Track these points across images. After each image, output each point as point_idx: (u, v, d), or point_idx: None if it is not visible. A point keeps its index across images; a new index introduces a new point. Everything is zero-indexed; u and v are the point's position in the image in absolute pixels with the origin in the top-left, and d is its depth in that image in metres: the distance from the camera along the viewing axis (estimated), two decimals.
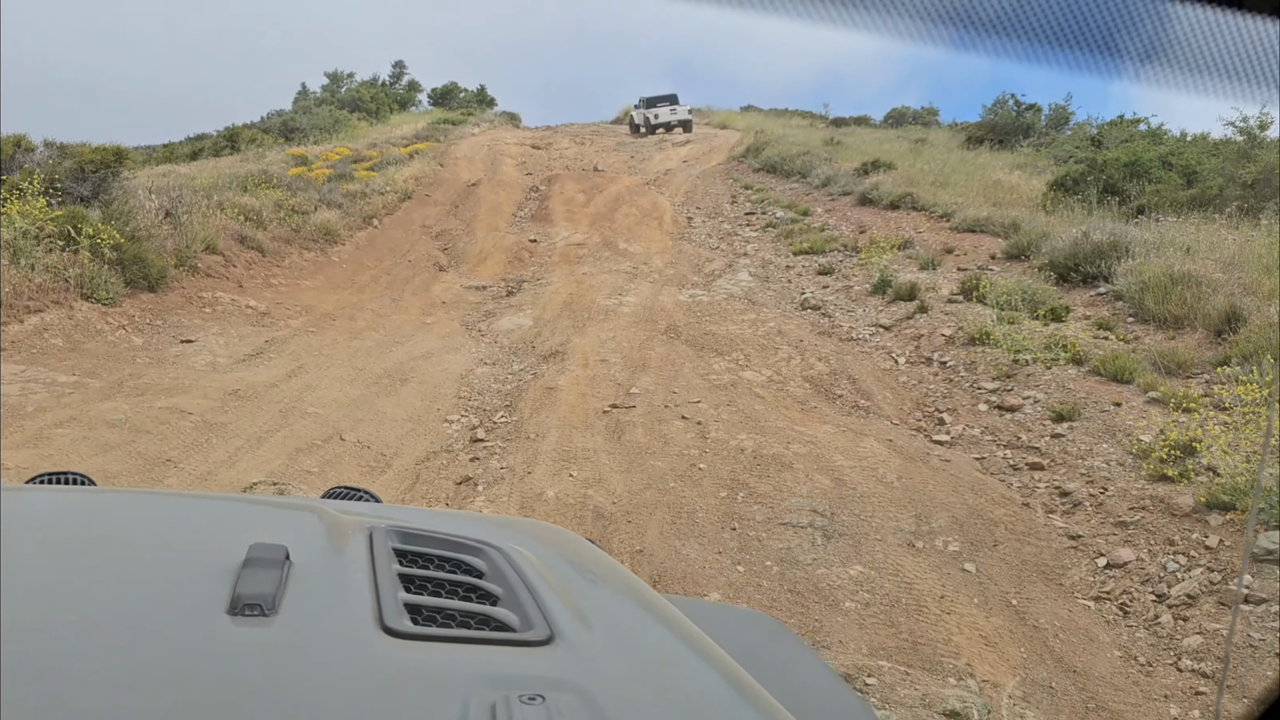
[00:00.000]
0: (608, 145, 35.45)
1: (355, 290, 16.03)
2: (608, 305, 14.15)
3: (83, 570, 1.15)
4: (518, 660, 1.02)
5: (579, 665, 1.03)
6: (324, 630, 1.02)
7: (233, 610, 1.00)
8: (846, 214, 21.48)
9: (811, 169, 25.21)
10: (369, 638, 1.00)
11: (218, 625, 0.99)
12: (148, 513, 1.52)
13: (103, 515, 1.47)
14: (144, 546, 1.30)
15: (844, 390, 10.58)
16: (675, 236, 21.04)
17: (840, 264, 17.00)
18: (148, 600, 1.07)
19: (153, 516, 1.49)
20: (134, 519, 1.46)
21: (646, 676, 1.13)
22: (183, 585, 1.11)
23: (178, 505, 1.67)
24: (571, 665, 1.03)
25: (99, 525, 1.39)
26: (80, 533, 1.34)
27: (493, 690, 0.90)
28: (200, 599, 1.04)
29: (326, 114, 39.28)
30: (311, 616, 1.04)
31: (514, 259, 19.05)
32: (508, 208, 24.29)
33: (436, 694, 0.92)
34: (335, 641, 1.00)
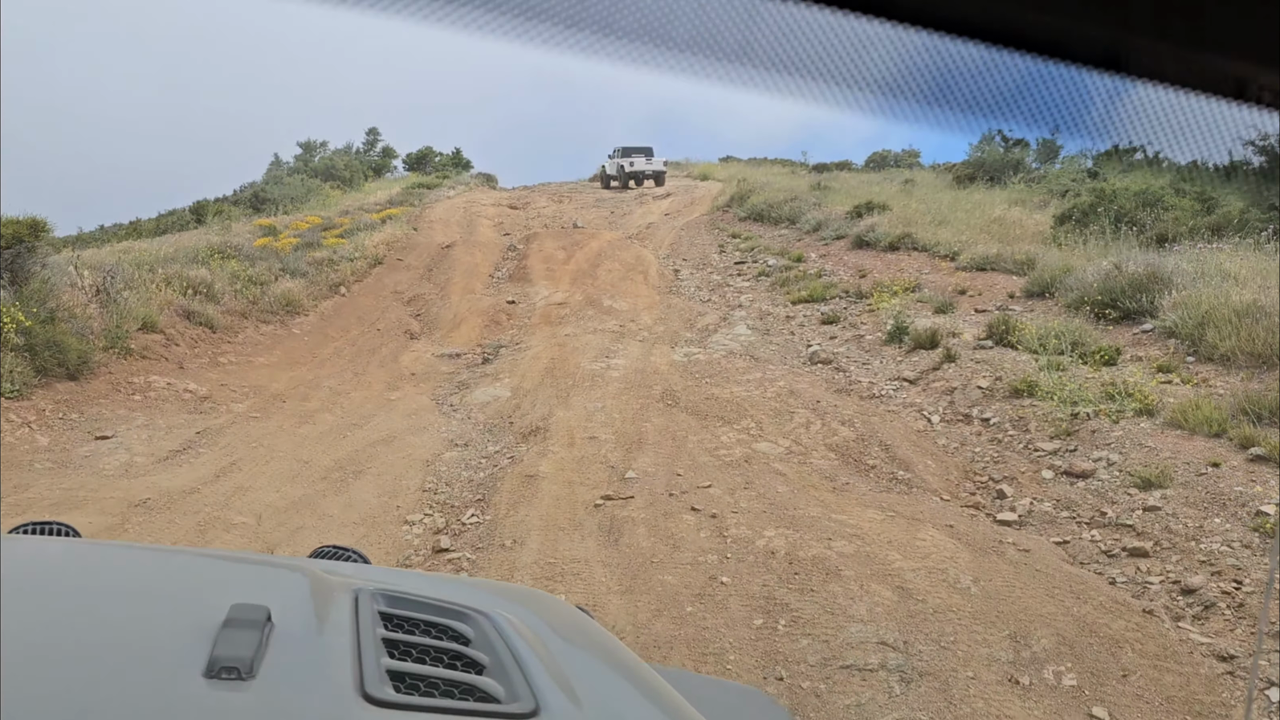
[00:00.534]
0: (586, 202, 33.94)
1: (314, 365, 14.24)
2: (594, 370, 12.39)
3: (58, 623, 1.09)
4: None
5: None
6: (302, 696, 0.97)
7: (209, 673, 0.95)
8: (843, 258, 19.88)
9: (800, 214, 23.67)
10: (349, 705, 0.95)
11: (193, 688, 0.93)
12: (130, 567, 1.45)
13: (83, 568, 1.41)
14: (123, 602, 1.22)
15: (877, 459, 8.81)
16: (663, 290, 19.36)
17: (845, 311, 15.31)
18: (123, 658, 1.01)
19: (135, 571, 1.42)
20: (115, 573, 1.39)
21: None
22: (160, 644, 1.05)
23: (161, 560, 1.59)
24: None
25: (78, 578, 1.33)
26: (58, 585, 1.27)
27: None
28: (177, 659, 0.99)
29: (298, 183, 37.76)
30: (290, 681, 0.98)
31: (491, 322, 17.32)
32: (484, 269, 22.62)
33: None
34: (314, 708, 0.95)
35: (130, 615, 1.17)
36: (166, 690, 0.93)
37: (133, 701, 0.91)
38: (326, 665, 1.05)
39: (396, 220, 29.65)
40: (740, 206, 26.50)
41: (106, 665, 0.98)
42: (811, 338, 14.13)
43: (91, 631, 1.08)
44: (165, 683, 0.95)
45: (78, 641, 1.04)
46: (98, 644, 1.04)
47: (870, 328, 14.01)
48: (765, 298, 17.58)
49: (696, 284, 19.67)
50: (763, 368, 12.10)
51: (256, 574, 1.54)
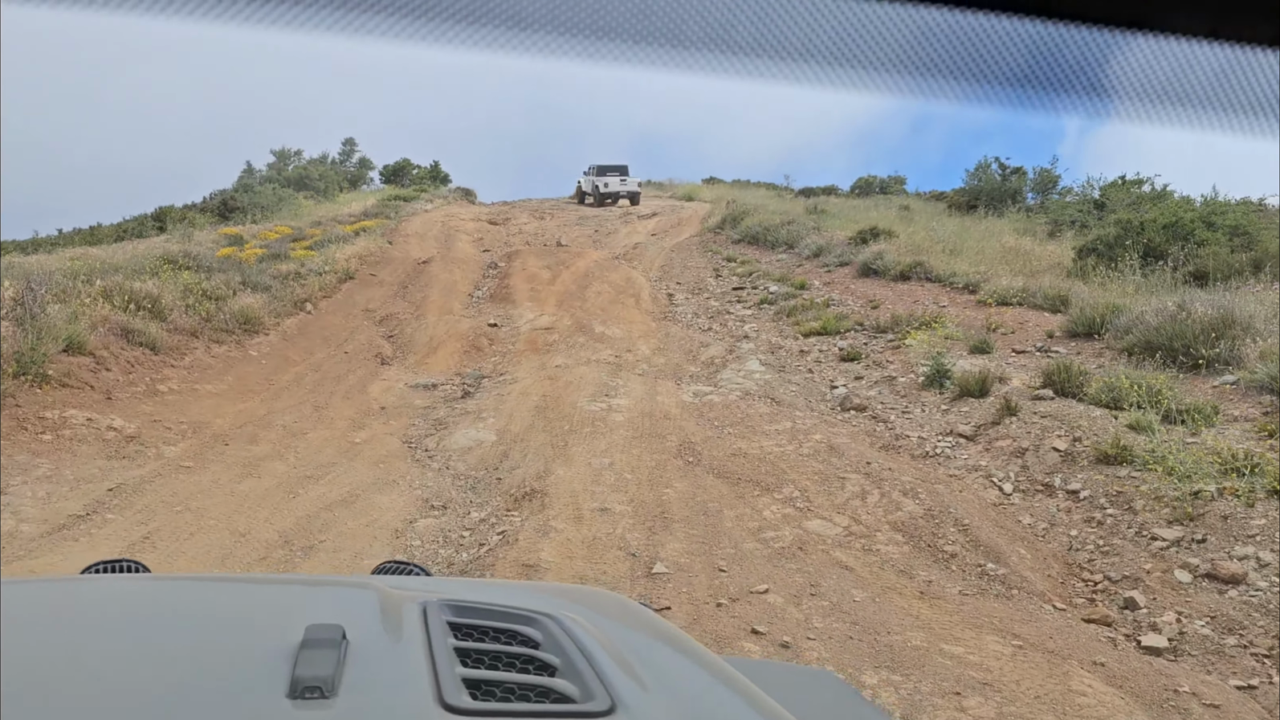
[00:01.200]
0: (568, 220, 32.02)
1: (269, 395, 12.19)
2: (594, 411, 10.46)
3: (142, 656, 1.09)
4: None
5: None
6: (385, 710, 0.96)
7: (293, 693, 0.95)
8: (850, 287, 18.10)
9: (799, 239, 21.90)
10: (429, 716, 0.94)
11: (279, 709, 0.93)
12: (204, 597, 1.47)
13: (159, 601, 1.41)
14: (202, 631, 1.22)
15: (955, 544, 6.94)
16: (658, 317, 17.48)
17: (866, 347, 13.48)
18: (208, 685, 1.00)
19: (209, 601, 1.44)
20: (190, 604, 1.40)
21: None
22: (242, 669, 1.04)
23: (232, 589, 1.59)
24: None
25: (156, 611, 1.33)
26: (138, 619, 1.27)
27: None
28: (260, 682, 0.98)
29: (269, 192, 35.59)
30: (371, 696, 0.98)
31: (471, 348, 15.33)
32: (463, 287, 20.64)
33: None
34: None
35: (210, 643, 1.15)
36: (254, 713, 0.91)
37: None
38: (404, 678, 1.02)
39: (370, 233, 27.60)
40: (733, 229, 24.69)
41: (193, 693, 0.97)
42: (834, 377, 12.27)
43: (174, 661, 1.06)
44: (252, 706, 0.93)
45: (162, 671, 1.02)
46: (182, 673, 1.02)
47: (899, 367, 12.18)
48: (772, 328, 15.73)
49: (694, 310, 17.79)
50: (789, 414, 10.22)
51: (326, 594, 1.52)
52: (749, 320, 16.48)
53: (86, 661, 1.05)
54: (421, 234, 28.59)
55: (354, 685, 0.99)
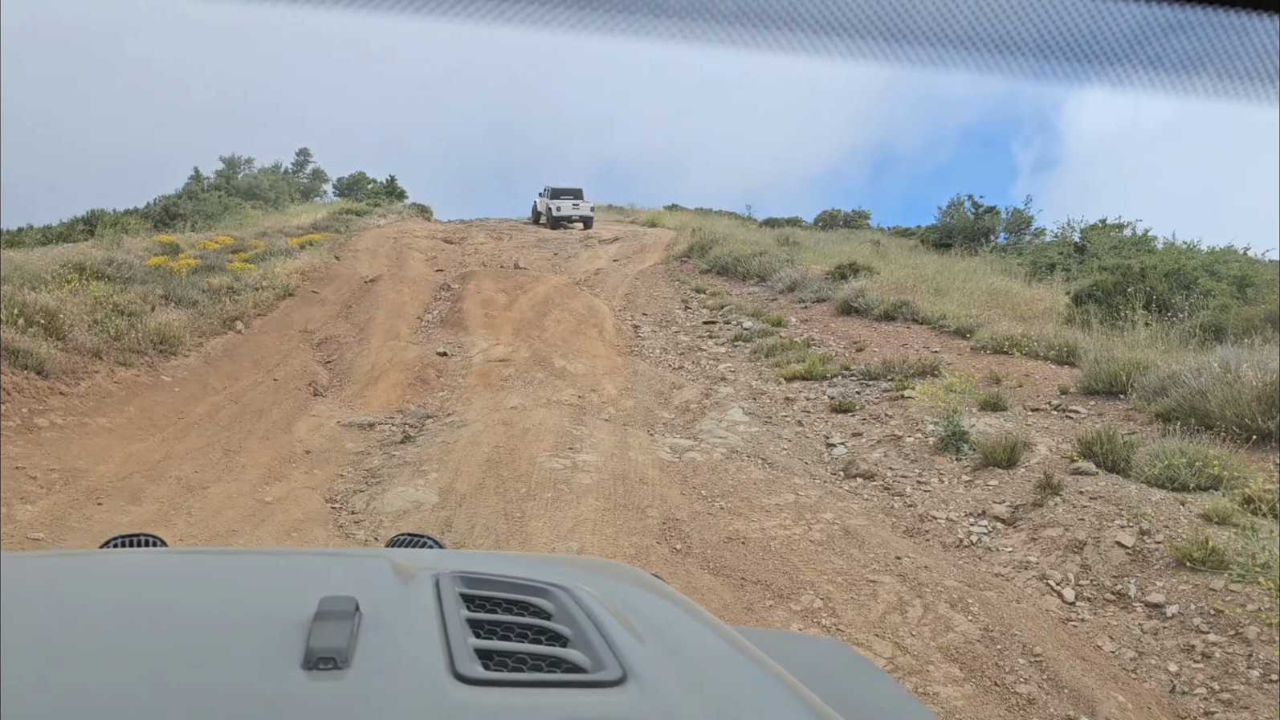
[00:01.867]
0: (527, 241, 30.15)
1: (175, 432, 10.16)
2: (556, 470, 8.62)
3: (158, 628, 1.08)
4: (592, 701, 0.94)
5: (654, 703, 0.94)
6: (398, 680, 0.95)
7: (307, 664, 0.94)
8: (829, 325, 16.46)
9: (772, 271, 20.26)
10: (443, 686, 0.93)
11: (294, 679, 0.92)
12: (219, 570, 1.44)
13: (176, 574, 1.39)
14: (217, 603, 1.20)
15: (1029, 682, 5.21)
16: (624, 351, 15.68)
17: (860, 397, 11.80)
18: (223, 657, 0.99)
19: (224, 574, 1.41)
20: (206, 577, 1.38)
21: (724, 713, 1.01)
22: (257, 641, 1.02)
23: (247, 562, 1.57)
24: (646, 704, 0.94)
25: (172, 584, 1.31)
26: (155, 592, 1.25)
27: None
28: (275, 654, 0.97)
29: (215, 200, 33.32)
30: (385, 667, 0.97)
31: (417, 379, 13.41)
32: (412, 309, 18.68)
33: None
34: (410, 691, 0.93)
35: (225, 614, 1.14)
36: (270, 683, 0.91)
37: (240, 695, 0.89)
38: (417, 649, 1.01)
39: (318, 247, 25.51)
40: (701, 258, 23.00)
41: (209, 663, 0.96)
42: (829, 432, 10.54)
43: (191, 631, 1.06)
44: (268, 676, 0.93)
45: (179, 641, 1.02)
46: (198, 643, 1.02)
47: (903, 424, 10.49)
48: (750, 369, 14.01)
49: (662, 344, 16.02)
50: (788, 482, 8.46)
51: (339, 566, 1.51)
52: (724, 359, 14.74)
53: (102, 633, 1.03)
54: (372, 250, 26.56)
55: (367, 656, 0.97)
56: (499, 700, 0.92)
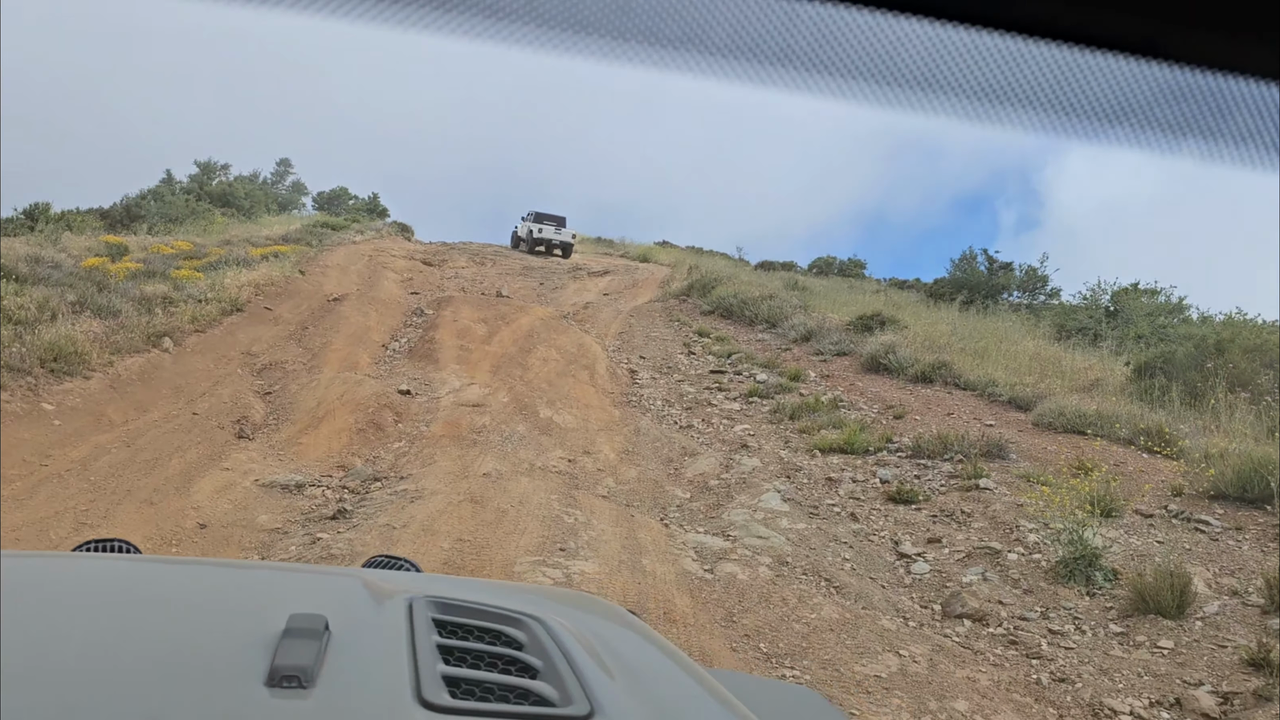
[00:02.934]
0: (512, 268, 27.39)
1: (24, 489, 7.25)
2: (546, 581, 5.85)
3: (124, 636, 1.04)
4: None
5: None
6: (361, 704, 0.91)
7: (270, 682, 0.89)
8: (856, 384, 13.81)
9: (783, 317, 17.61)
10: (407, 711, 0.89)
11: (255, 697, 0.87)
12: (190, 580, 1.38)
13: (146, 582, 1.35)
14: (185, 614, 1.16)
15: None
16: (620, 400, 12.94)
17: (920, 483, 9.12)
18: (186, 669, 0.94)
19: (195, 584, 1.35)
20: (176, 586, 1.32)
21: None
22: (222, 654, 0.98)
23: (220, 574, 1.50)
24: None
25: (141, 592, 1.27)
26: (123, 600, 1.21)
27: None
28: (238, 669, 0.93)
29: (181, 203, 30.37)
30: (349, 689, 0.93)
31: (370, 424, 10.59)
32: (378, 335, 15.85)
33: None
34: (373, 715, 0.89)
35: (192, 627, 1.10)
36: (230, 699, 0.87)
37: (198, 711, 0.85)
38: (384, 672, 0.97)
39: (283, 259, 22.60)
40: (703, 297, 20.32)
41: (171, 676, 0.92)
42: (895, 533, 7.83)
43: (156, 643, 1.02)
44: (229, 692, 0.88)
45: (143, 652, 0.98)
46: (162, 655, 0.98)
47: (988, 526, 7.80)
48: (772, 434, 11.31)
49: (665, 395, 13.29)
50: (873, 624, 5.73)
51: (312, 584, 1.44)
52: (739, 418, 12.03)
53: (66, 641, 0.99)
54: (343, 267, 23.70)
55: (333, 676, 0.92)
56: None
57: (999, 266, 24.47)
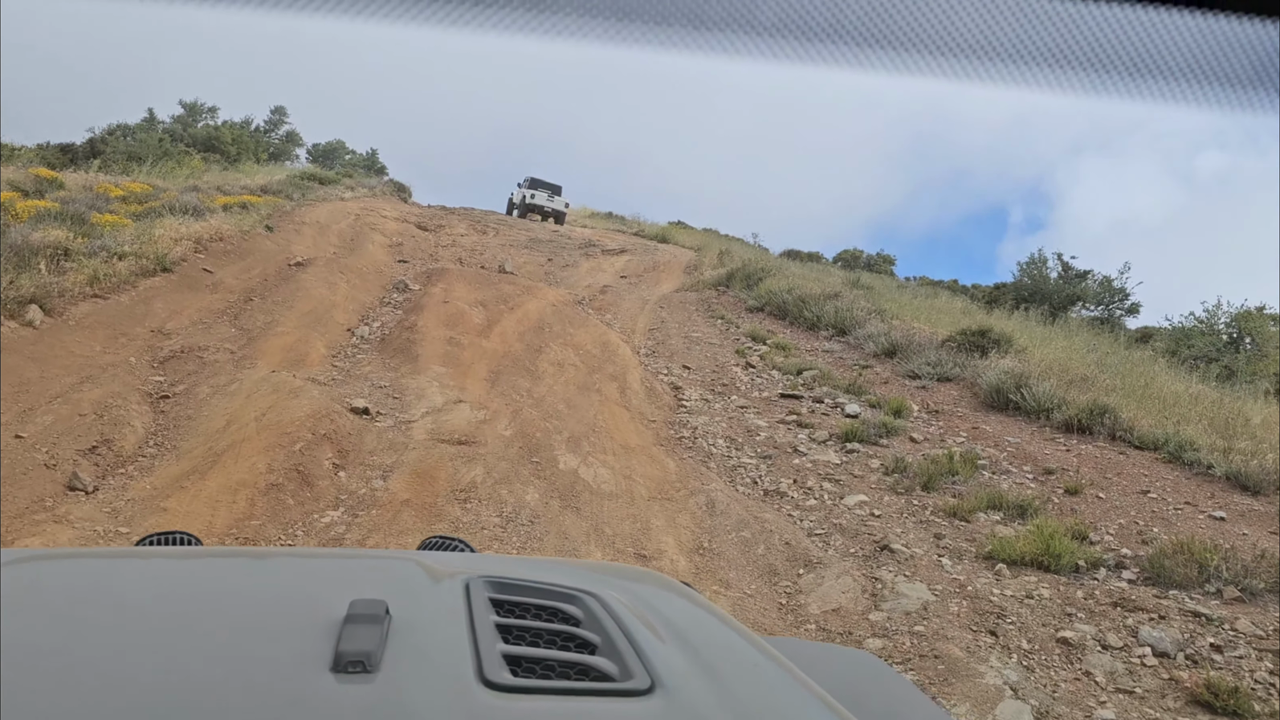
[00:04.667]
0: (516, 240, 22.95)
1: None
2: None
3: (191, 627, 0.98)
4: (619, 710, 0.86)
5: (681, 714, 0.86)
6: (426, 685, 0.87)
7: (336, 667, 0.86)
8: (981, 428, 9.61)
9: (857, 323, 13.35)
10: (470, 692, 0.85)
11: (322, 683, 0.84)
12: (252, 571, 1.33)
13: (209, 574, 1.28)
14: (249, 604, 1.10)
15: None
16: (666, 435, 8.71)
17: (1218, 655, 4.96)
18: (253, 657, 0.90)
19: (257, 574, 1.30)
20: (239, 577, 1.27)
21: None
22: (287, 643, 0.93)
23: (281, 564, 1.38)
24: (674, 714, 0.86)
25: (205, 585, 1.20)
26: (188, 591, 1.16)
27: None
28: (304, 656, 0.89)
29: (154, 143, 25.77)
30: (413, 672, 0.88)
31: (292, 474, 6.32)
32: (344, 315, 11.52)
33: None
34: (438, 697, 0.85)
35: (257, 616, 1.04)
36: (298, 686, 0.83)
37: (267, 699, 0.81)
38: (446, 654, 0.93)
39: (252, 210, 18.20)
40: (747, 290, 16.01)
41: (239, 665, 0.89)
42: None
43: (222, 633, 0.97)
44: (296, 679, 0.85)
45: (210, 643, 0.94)
46: (229, 644, 0.93)
47: None
48: (906, 515, 7.10)
49: (726, 429, 9.04)
50: None
51: (370, 569, 1.37)
52: (847, 481, 7.80)
53: (135, 631, 0.96)
54: (323, 225, 19.29)
55: (396, 660, 0.89)
56: (526, 707, 0.84)
57: (1074, 275, 20.26)
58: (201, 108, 32.45)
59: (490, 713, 0.83)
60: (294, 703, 0.81)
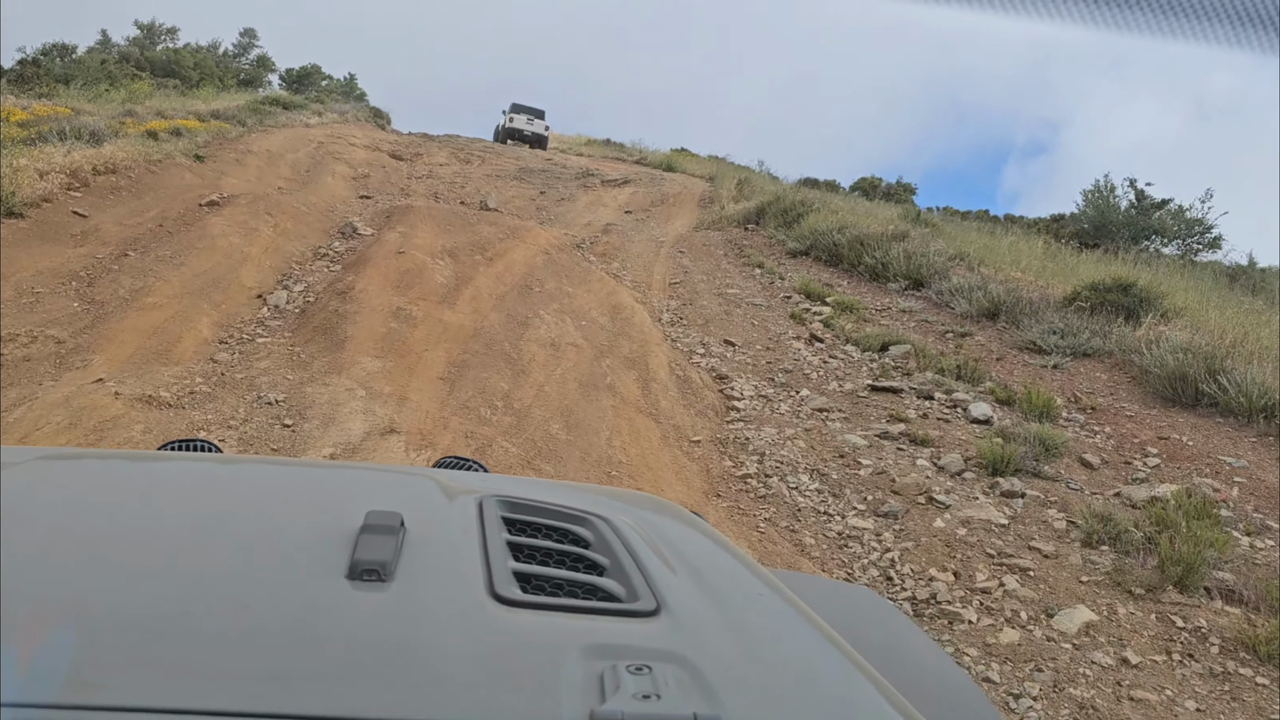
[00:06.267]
0: (504, 169, 19.10)
1: None
2: None
3: (212, 530, 0.96)
4: (624, 630, 0.82)
5: (685, 637, 0.82)
6: (438, 596, 0.84)
7: (351, 575, 0.83)
8: (1174, 437, 6.20)
9: (935, 274, 9.80)
10: (480, 604, 0.83)
11: (338, 589, 0.81)
12: (272, 480, 1.26)
13: (229, 480, 1.23)
14: (268, 511, 1.07)
15: None
16: (720, 474, 5.27)
17: None
18: (272, 562, 0.88)
19: (277, 482, 1.24)
20: (259, 484, 1.22)
21: (752, 649, 0.88)
22: (304, 550, 0.90)
23: (299, 473, 1.37)
24: (678, 637, 0.82)
25: (226, 490, 1.17)
26: (209, 495, 1.12)
27: (599, 659, 0.73)
28: (321, 563, 0.86)
29: (97, 65, 21.75)
30: (425, 582, 0.86)
31: None
32: (254, 274, 7.94)
33: (546, 661, 0.74)
34: (449, 607, 0.83)
35: (276, 522, 1.02)
36: (314, 591, 0.81)
37: (284, 601, 0.79)
38: (458, 568, 0.90)
39: (187, 137, 14.48)
40: (784, 228, 12.39)
41: (258, 568, 0.86)
42: None
43: (243, 537, 0.95)
44: (313, 584, 0.82)
45: (230, 546, 0.92)
46: (249, 549, 0.91)
47: None
48: (1158, 636, 3.75)
49: (807, 456, 5.60)
50: None
51: (386, 483, 1.34)
52: (1027, 560, 4.38)
53: (156, 535, 0.93)
54: (275, 154, 15.55)
55: (410, 571, 0.87)
56: (534, 623, 0.81)
57: (1152, 205, 16.62)
58: (160, 29, 28.10)
59: (499, 626, 0.80)
60: (310, 608, 0.78)
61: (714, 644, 0.84)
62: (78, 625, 0.72)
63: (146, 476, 1.22)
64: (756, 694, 0.79)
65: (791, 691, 0.85)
